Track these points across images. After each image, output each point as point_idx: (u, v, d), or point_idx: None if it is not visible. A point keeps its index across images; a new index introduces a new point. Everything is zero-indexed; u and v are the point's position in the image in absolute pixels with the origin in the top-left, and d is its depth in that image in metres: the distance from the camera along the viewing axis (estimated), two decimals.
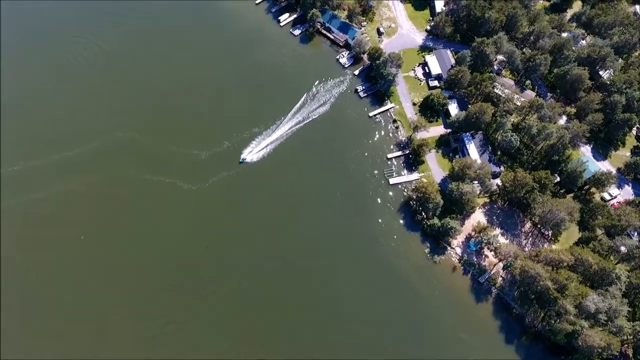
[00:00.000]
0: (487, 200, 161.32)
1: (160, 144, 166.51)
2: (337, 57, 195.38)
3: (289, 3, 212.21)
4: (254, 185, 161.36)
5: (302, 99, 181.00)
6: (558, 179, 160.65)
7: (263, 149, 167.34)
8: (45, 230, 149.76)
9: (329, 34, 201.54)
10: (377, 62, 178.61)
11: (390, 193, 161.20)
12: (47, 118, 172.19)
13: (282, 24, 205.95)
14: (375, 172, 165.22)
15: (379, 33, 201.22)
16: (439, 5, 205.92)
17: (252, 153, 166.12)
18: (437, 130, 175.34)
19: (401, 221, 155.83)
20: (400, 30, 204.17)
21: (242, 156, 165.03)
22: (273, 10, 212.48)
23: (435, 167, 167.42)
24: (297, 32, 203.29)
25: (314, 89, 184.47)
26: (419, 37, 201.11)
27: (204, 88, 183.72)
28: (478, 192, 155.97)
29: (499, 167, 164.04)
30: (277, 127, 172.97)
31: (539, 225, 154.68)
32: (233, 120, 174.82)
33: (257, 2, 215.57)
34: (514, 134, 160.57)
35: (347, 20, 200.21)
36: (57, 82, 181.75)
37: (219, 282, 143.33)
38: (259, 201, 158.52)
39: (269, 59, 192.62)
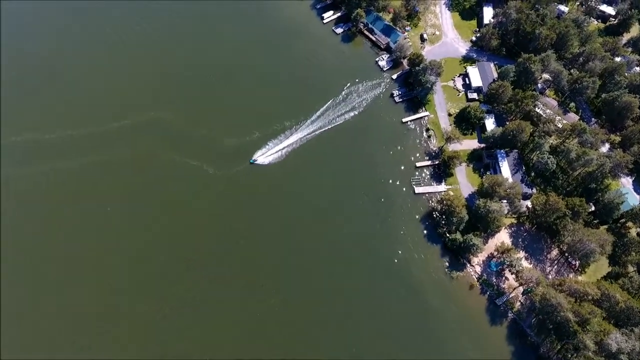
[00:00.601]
0: (514, 221, 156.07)
1: (192, 127, 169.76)
2: (377, 59, 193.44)
3: (334, 1, 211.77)
4: (278, 178, 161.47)
5: (337, 97, 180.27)
6: (593, 208, 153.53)
7: (293, 144, 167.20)
8: (69, 199, 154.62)
9: (370, 36, 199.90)
10: (417, 68, 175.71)
11: (415, 202, 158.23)
12: (88, 91, 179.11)
13: (325, 21, 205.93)
14: (402, 179, 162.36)
15: (422, 39, 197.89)
16: (488, 17, 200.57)
17: (279, 147, 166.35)
18: (471, 144, 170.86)
19: (423, 232, 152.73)
20: (444, 38, 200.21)
21: (264, 150, 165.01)
22: (318, 6, 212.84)
23: (464, 181, 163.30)
24: (339, 30, 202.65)
25: (350, 89, 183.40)
26: (462, 47, 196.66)
27: (241, 77, 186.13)
28: (506, 211, 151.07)
29: (531, 189, 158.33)
30: (307, 123, 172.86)
31: (566, 254, 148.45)
32: (266, 111, 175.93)
33: None
34: (551, 156, 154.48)
35: (391, 24, 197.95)
36: (102, 59, 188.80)
37: (234, 273, 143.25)
38: (281, 196, 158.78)
39: (308, 55, 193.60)
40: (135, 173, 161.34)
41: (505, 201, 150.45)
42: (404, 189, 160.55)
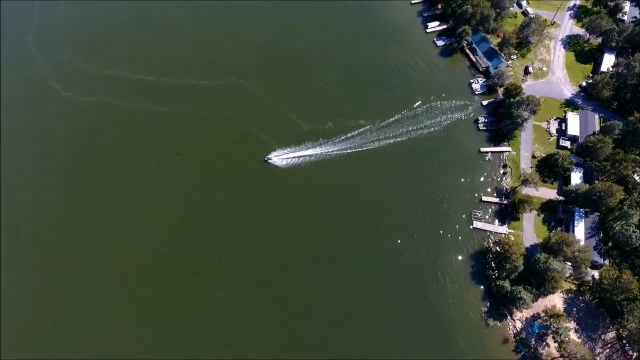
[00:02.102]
0: (573, 287, 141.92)
1: (273, 103, 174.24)
2: (471, 81, 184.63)
3: (444, 13, 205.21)
4: (339, 175, 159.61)
5: (418, 109, 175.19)
6: None
7: (360, 147, 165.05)
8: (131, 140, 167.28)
9: (471, 55, 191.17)
10: (512, 100, 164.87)
11: (470, 236, 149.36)
12: (191, 47, 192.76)
13: (428, 30, 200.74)
14: (463, 208, 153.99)
15: (526, 72, 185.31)
16: (607, 65, 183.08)
17: (338, 144, 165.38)
18: (548, 193, 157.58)
19: (470, 268, 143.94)
20: (551, 76, 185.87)
21: (328, 145, 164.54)
22: (425, 14, 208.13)
23: (529, 230, 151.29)
24: (440, 42, 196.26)
25: (434, 103, 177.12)
26: (568, 90, 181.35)
27: (329, 68, 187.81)
28: (567, 274, 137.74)
29: (604, 260, 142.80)
30: (380, 126, 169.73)
31: (624, 341, 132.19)
32: (345, 106, 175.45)
33: (412, 1, 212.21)
34: (638, 231, 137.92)
35: (496, 48, 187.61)
36: (207, 21, 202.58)
37: (274, 260, 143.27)
38: (336, 195, 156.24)
39: (402, 59, 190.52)
40: (207, 132, 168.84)
41: (569, 264, 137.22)
42: (463, 219, 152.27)
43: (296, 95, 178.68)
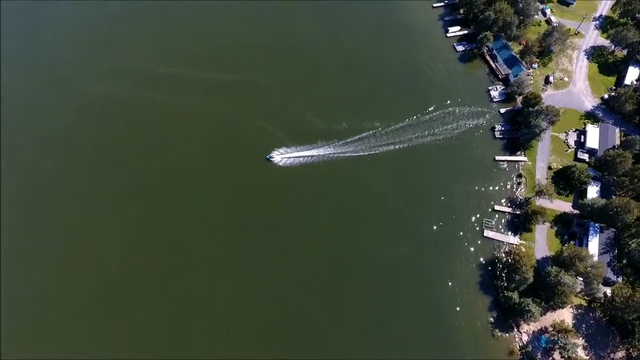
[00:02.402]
0: (584, 303, 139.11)
1: (290, 102, 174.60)
2: (490, 88, 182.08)
3: (466, 17, 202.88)
4: (350, 177, 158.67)
5: (433, 113, 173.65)
6: None
7: (373, 149, 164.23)
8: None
9: (491, 62, 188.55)
10: (530, 109, 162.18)
11: (480, 244, 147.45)
12: (199, 40, 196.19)
13: (448, 35, 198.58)
14: (475, 216, 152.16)
15: (547, 81, 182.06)
16: (631, 78, 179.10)
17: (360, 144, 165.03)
18: (562, 206, 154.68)
19: (478, 277, 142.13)
20: (572, 87, 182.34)
21: (341, 145, 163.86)
22: (446, 18, 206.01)
23: (542, 242, 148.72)
24: (460, 48, 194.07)
25: (450, 109, 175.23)
26: (589, 102, 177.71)
27: (345, 67, 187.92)
28: (578, 290, 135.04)
29: (617, 277, 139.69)
30: (395, 128, 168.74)
31: None
32: (360, 107, 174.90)
33: (434, 5, 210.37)
34: None
35: (517, 56, 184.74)
36: (223, 16, 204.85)
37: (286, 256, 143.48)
38: (345, 197, 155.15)
39: (421, 63, 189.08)
40: (217, 123, 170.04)
41: (581, 279, 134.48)
42: (474, 228, 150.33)
43: (312, 95, 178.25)
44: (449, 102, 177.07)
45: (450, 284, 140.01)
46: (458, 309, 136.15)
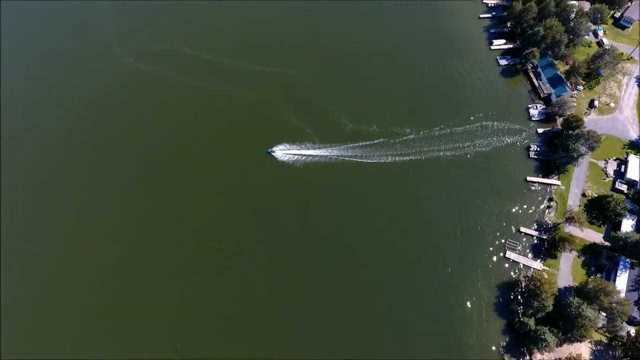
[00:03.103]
0: (604, 339, 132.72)
1: (323, 99, 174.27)
2: (530, 106, 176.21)
3: (513, 31, 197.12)
4: (373, 182, 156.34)
5: (466, 126, 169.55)
6: None
7: (400, 156, 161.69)
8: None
9: (534, 79, 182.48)
10: (570, 132, 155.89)
11: (500, 265, 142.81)
12: (255, 31, 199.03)
13: (492, 47, 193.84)
14: (498, 235, 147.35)
15: (591, 105, 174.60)
16: None
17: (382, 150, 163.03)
18: (593, 235, 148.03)
19: (493, 298, 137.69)
20: (617, 114, 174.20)
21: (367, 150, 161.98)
22: (492, 30, 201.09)
23: (566, 270, 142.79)
24: (503, 62, 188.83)
25: (485, 123, 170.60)
26: (634, 131, 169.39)
27: (381, 69, 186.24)
28: (600, 325, 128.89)
29: None
30: (423, 136, 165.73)
31: None
32: (391, 111, 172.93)
33: (481, 15, 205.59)
34: None
35: (563, 75, 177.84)
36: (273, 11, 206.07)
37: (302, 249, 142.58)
38: (369, 201, 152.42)
39: (461, 72, 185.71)
40: (246, 113, 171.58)
41: (604, 314, 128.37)
42: (496, 247, 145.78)
43: (346, 95, 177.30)
44: (485, 115, 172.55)
45: (465, 300, 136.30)
46: (470, 327, 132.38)
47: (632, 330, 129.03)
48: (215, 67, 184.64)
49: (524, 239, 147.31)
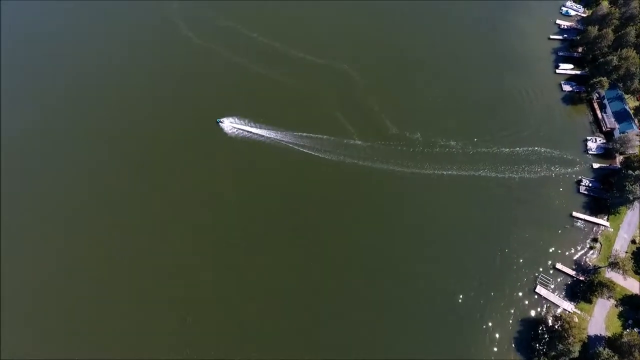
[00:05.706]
0: None
1: (370, 99, 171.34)
2: (588, 138, 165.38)
3: (583, 57, 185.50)
4: (412, 194, 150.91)
5: (519, 148, 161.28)
6: None
7: (439, 169, 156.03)
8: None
9: (598, 111, 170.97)
10: (630, 172, 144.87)
11: (527, 299, 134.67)
12: (319, 25, 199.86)
13: (558, 71, 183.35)
14: (531, 269, 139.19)
15: None
16: None
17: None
18: (636, 286, 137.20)
19: (515, 333, 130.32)
20: None
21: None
22: (560, 53, 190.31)
23: (599, 317, 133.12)
24: (567, 87, 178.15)
25: (537, 148, 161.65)
26: None
27: (435, 77, 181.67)
28: None
29: None
30: (468, 152, 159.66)
31: None
32: (442, 121, 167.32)
33: (550, 36, 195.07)
34: None
35: (631, 111, 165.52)
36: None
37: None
38: (404, 214, 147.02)
39: (519, 93, 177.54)
40: (293, 105, 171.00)
41: None
42: (527, 280, 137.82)
43: (395, 98, 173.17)
44: (538, 140, 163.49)
45: (486, 329, 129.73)
46: (489, 355, 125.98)
47: None
48: (273, 53, 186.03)
49: (559, 278, 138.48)
